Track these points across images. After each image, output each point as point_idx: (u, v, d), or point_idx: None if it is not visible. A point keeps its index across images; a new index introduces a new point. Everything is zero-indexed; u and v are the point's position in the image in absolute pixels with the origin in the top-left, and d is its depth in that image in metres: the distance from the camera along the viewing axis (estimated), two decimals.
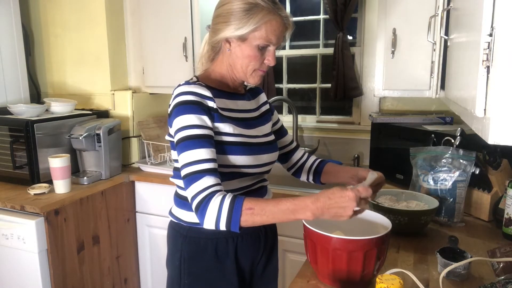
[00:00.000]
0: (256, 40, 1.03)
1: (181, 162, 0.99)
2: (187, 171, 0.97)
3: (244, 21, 1.01)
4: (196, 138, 0.99)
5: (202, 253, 1.10)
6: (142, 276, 2.27)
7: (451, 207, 1.40)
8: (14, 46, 2.23)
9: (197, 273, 1.12)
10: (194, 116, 1.00)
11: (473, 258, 1.02)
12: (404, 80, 1.71)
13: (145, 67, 2.30)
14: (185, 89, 1.03)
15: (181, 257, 1.12)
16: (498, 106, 0.66)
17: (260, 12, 1.01)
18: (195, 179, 0.95)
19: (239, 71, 1.10)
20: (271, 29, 1.03)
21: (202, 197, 0.93)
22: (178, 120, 1.01)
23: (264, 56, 1.08)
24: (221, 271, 1.12)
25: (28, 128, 1.84)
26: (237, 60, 1.08)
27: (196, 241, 1.10)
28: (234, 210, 0.91)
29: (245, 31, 1.02)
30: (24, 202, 1.69)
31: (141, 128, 2.24)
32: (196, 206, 0.94)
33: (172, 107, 1.03)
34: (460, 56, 0.98)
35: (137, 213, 2.20)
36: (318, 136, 2.34)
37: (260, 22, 1.01)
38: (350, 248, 0.94)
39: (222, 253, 1.11)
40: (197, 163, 0.96)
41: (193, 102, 1.01)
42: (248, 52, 1.05)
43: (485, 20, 0.66)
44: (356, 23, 2.25)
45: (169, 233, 1.19)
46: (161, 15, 2.18)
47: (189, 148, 0.98)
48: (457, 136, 1.48)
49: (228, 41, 1.06)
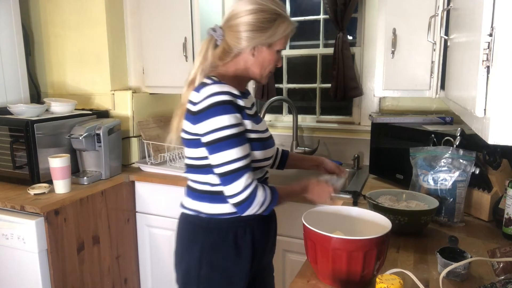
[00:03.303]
0: (277, 46, 1.17)
1: (217, 161, 1.08)
2: (228, 169, 1.07)
3: (273, 31, 1.13)
4: (235, 137, 1.07)
5: (222, 243, 1.17)
6: (142, 276, 2.27)
7: (451, 207, 1.40)
8: (14, 46, 2.23)
9: (216, 262, 1.18)
10: (231, 115, 1.07)
11: (473, 258, 1.02)
12: (404, 80, 1.71)
13: (145, 67, 2.30)
14: (218, 89, 1.08)
15: (201, 248, 1.17)
16: (498, 106, 0.66)
17: (283, 22, 1.15)
18: (239, 176, 1.07)
19: (256, 73, 1.20)
20: (288, 36, 1.19)
21: (251, 191, 1.08)
22: (214, 120, 1.06)
23: (277, 59, 1.21)
24: (237, 259, 1.19)
25: (28, 128, 1.84)
26: (258, 63, 1.18)
27: (217, 231, 1.17)
28: (273, 200, 1.13)
29: (274, 40, 1.15)
30: (24, 202, 1.69)
31: (141, 128, 2.24)
32: (245, 198, 1.07)
33: (206, 106, 1.07)
34: (460, 56, 0.98)
35: (137, 213, 2.20)
36: (318, 136, 2.33)
37: (286, 32, 1.16)
38: (350, 248, 0.94)
39: (241, 241, 1.19)
40: (236, 162, 1.07)
41: (229, 102, 1.07)
42: (270, 56, 1.18)
43: (485, 20, 0.66)
44: (356, 23, 2.25)
45: (184, 227, 1.23)
46: (161, 15, 2.18)
47: (228, 147, 1.06)
48: (457, 136, 1.48)
49: (254, 47, 1.16)
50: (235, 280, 1.20)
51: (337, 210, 1.18)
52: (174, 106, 2.82)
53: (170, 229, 2.10)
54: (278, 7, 1.15)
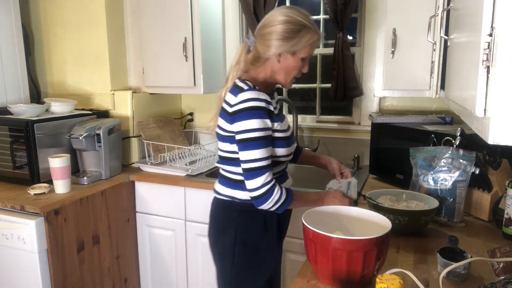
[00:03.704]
0: (302, 54, 1.29)
1: (244, 157, 1.23)
2: (252, 166, 1.22)
3: (296, 40, 1.26)
4: (261, 139, 1.22)
5: (253, 224, 1.35)
6: (142, 276, 2.27)
7: (451, 207, 1.40)
8: (14, 46, 2.23)
9: (248, 241, 1.35)
10: (260, 120, 1.22)
11: (473, 258, 1.02)
12: (404, 80, 1.71)
13: (145, 67, 2.30)
14: (253, 95, 1.23)
15: (236, 228, 1.34)
16: (498, 106, 0.66)
17: (308, 32, 1.27)
18: (260, 174, 1.22)
19: (281, 78, 1.34)
20: (314, 45, 1.30)
21: (268, 188, 1.23)
22: (246, 123, 1.22)
23: (302, 66, 1.33)
24: (265, 237, 1.37)
25: (28, 128, 1.84)
26: (283, 69, 1.31)
27: (249, 214, 1.33)
28: (286, 201, 1.26)
29: (297, 48, 1.27)
30: (24, 202, 1.69)
31: (141, 128, 2.24)
32: (262, 193, 1.23)
33: (240, 109, 1.23)
34: (460, 56, 0.98)
35: (137, 213, 2.20)
36: (318, 136, 2.33)
37: (310, 41, 1.27)
38: (350, 248, 0.94)
39: (269, 222, 1.36)
40: (261, 161, 1.22)
41: (260, 108, 1.23)
42: (295, 63, 1.30)
43: (485, 20, 0.66)
44: (356, 23, 2.25)
45: (219, 210, 1.41)
46: (161, 15, 2.18)
47: (254, 147, 1.22)
48: (457, 136, 1.48)
49: (279, 54, 1.29)
50: (264, 255, 1.37)
51: (337, 210, 1.18)
52: (174, 106, 2.84)
53: (170, 229, 2.11)
54: (305, 19, 1.27)
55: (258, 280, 1.39)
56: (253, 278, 1.38)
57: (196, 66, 2.16)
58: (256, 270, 1.37)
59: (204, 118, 2.67)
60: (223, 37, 2.45)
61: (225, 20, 2.45)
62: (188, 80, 2.18)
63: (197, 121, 2.69)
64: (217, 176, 2.08)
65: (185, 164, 2.15)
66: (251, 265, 1.37)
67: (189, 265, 2.10)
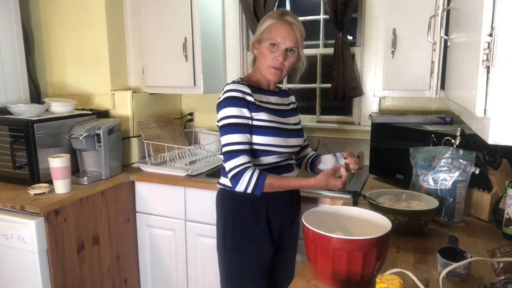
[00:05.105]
0: (267, 41, 1.39)
1: (222, 142, 1.36)
2: (227, 149, 1.34)
3: (260, 28, 1.41)
4: (235, 125, 1.34)
5: (241, 208, 1.43)
6: (142, 276, 2.27)
7: (451, 207, 1.40)
8: (14, 46, 2.23)
9: (237, 223, 1.44)
10: (236, 108, 1.34)
11: (473, 258, 1.02)
12: (404, 80, 1.71)
13: (145, 67, 2.30)
14: (232, 87, 1.37)
15: (226, 212, 1.45)
16: (498, 106, 0.66)
17: (268, 19, 1.40)
18: (233, 156, 1.32)
19: (261, 70, 1.44)
20: (277, 31, 1.37)
21: (238, 170, 1.31)
22: (223, 111, 1.36)
23: (274, 54, 1.39)
24: (256, 222, 1.44)
25: (28, 128, 1.84)
26: (259, 60, 1.44)
27: (237, 200, 1.42)
28: (259, 182, 1.31)
29: (260, 35, 1.41)
30: (24, 202, 1.69)
31: (141, 128, 2.24)
32: (233, 175, 1.32)
33: (221, 100, 1.38)
34: (460, 56, 0.98)
35: (137, 213, 2.20)
36: (318, 136, 2.33)
37: (270, 27, 1.38)
38: (350, 248, 0.94)
39: (257, 209, 1.43)
40: (235, 145, 1.33)
41: (236, 97, 1.35)
42: (262, 50, 1.41)
43: (485, 20, 0.66)
44: (356, 23, 2.25)
45: (217, 198, 1.51)
46: (161, 15, 2.18)
47: (230, 132, 1.34)
48: (457, 136, 1.48)
49: (254, 47, 1.45)
50: (254, 241, 1.44)
51: (337, 210, 1.18)
52: (174, 106, 2.84)
53: (170, 229, 2.11)
54: (273, 12, 1.42)
55: (249, 264, 1.45)
56: (244, 263, 1.45)
57: (196, 66, 2.16)
58: (247, 254, 1.45)
59: (204, 118, 2.67)
60: (223, 37, 2.45)
61: (225, 20, 2.45)
62: (188, 80, 2.18)
63: (197, 121, 2.69)
64: (217, 176, 2.10)
65: (185, 164, 2.15)
66: (241, 249, 1.44)
67: (189, 265, 2.10)
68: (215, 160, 2.30)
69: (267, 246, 1.46)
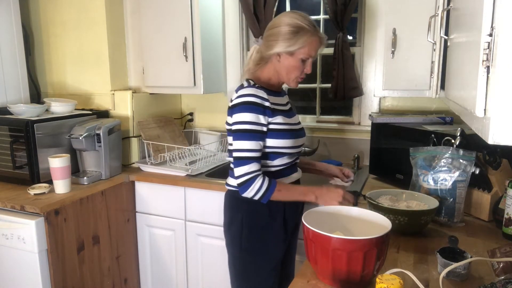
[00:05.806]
0: (301, 55, 1.36)
1: (235, 147, 1.35)
2: (239, 155, 1.33)
3: (294, 41, 1.34)
4: (250, 132, 1.33)
5: (258, 212, 1.42)
6: (142, 276, 2.27)
7: (451, 207, 1.40)
8: (14, 46, 2.23)
9: (254, 225, 1.43)
10: (253, 114, 1.32)
11: (473, 258, 1.02)
12: (404, 80, 1.71)
13: (145, 67, 2.30)
14: (250, 91, 1.34)
15: (243, 214, 1.43)
16: (498, 106, 0.66)
17: (305, 34, 1.35)
18: (245, 163, 1.32)
19: (284, 77, 1.42)
20: (312, 47, 1.37)
21: (249, 177, 1.32)
22: (240, 115, 1.33)
23: (304, 66, 1.40)
24: (271, 226, 1.44)
25: (28, 128, 1.84)
26: (284, 69, 1.40)
27: (254, 201, 1.38)
28: (268, 191, 1.33)
29: (294, 49, 1.35)
30: (24, 202, 1.69)
31: (141, 128, 2.24)
32: (243, 181, 1.32)
33: (237, 103, 1.34)
34: (460, 56, 0.98)
35: (137, 213, 2.20)
36: (318, 136, 2.33)
37: (306, 42, 1.35)
38: (350, 248, 0.94)
39: (274, 210, 1.43)
40: (248, 152, 1.32)
41: (254, 103, 1.33)
42: (294, 63, 1.38)
43: (485, 20, 0.66)
44: (356, 23, 2.25)
45: (229, 201, 1.49)
46: (161, 15, 2.18)
47: (243, 138, 1.32)
48: (457, 136, 1.47)
49: (279, 54, 1.38)
50: (269, 243, 1.44)
51: (337, 210, 1.18)
52: (174, 106, 2.84)
53: (170, 229, 2.11)
54: (303, 22, 1.35)
55: (264, 265, 1.46)
56: (259, 263, 1.45)
57: (196, 66, 2.16)
58: (262, 256, 1.45)
59: (204, 118, 2.67)
60: (223, 37, 2.45)
61: (225, 20, 2.45)
62: (188, 80, 2.18)
63: (197, 121, 2.69)
64: (217, 176, 2.10)
65: (185, 164, 2.15)
66: (257, 251, 1.45)
67: (189, 265, 2.10)
68: (215, 160, 2.30)
69: (281, 247, 1.49)
